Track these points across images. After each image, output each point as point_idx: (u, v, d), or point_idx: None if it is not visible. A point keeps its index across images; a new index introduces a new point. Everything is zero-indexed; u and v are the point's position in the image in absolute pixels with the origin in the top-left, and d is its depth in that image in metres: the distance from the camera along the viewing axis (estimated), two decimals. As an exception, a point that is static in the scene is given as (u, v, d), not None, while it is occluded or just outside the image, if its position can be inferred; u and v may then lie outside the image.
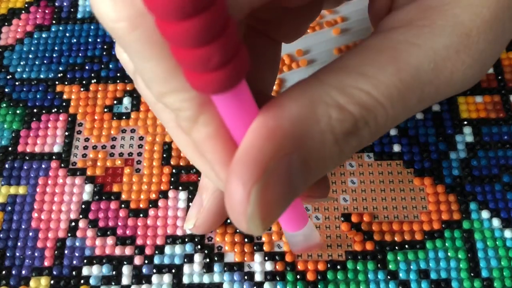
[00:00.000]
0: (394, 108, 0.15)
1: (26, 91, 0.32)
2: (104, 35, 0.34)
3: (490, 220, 0.27)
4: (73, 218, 0.28)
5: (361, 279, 0.26)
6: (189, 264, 0.27)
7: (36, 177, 0.29)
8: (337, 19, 0.32)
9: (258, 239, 0.27)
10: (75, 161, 0.29)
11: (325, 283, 0.26)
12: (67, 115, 0.31)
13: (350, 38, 0.31)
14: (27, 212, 0.28)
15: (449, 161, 0.29)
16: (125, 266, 0.27)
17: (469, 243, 0.27)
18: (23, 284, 0.26)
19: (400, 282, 0.26)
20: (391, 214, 0.28)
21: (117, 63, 0.33)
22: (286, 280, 0.26)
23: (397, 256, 0.27)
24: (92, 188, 0.29)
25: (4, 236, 0.27)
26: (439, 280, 0.26)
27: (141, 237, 0.27)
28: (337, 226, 0.27)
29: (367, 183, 0.29)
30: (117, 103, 0.31)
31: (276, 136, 0.14)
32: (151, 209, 0.28)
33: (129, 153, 0.30)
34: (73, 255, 0.27)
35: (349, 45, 0.31)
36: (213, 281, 0.26)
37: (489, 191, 0.28)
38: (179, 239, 0.27)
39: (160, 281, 0.26)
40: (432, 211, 0.28)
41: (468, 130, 0.30)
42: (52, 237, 0.27)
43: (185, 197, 0.28)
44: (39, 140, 0.30)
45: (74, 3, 0.35)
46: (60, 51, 0.33)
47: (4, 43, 0.34)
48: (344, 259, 0.27)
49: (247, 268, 0.26)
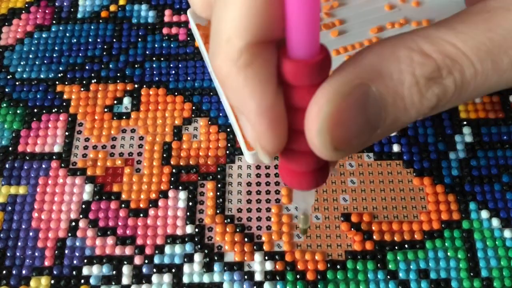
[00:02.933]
0: (483, 65, 0.16)
1: (26, 91, 0.32)
2: (104, 35, 0.34)
3: (490, 220, 0.27)
4: (73, 218, 0.28)
5: (360, 278, 0.26)
6: (189, 263, 0.27)
7: (36, 177, 0.29)
8: (335, 22, 0.32)
9: (258, 239, 0.27)
10: (75, 161, 0.29)
11: (325, 282, 0.26)
12: (67, 115, 0.31)
13: (348, 40, 0.32)
14: (28, 212, 0.28)
15: (448, 161, 0.29)
16: (125, 266, 0.27)
17: (468, 243, 0.27)
18: (24, 283, 0.26)
19: (400, 282, 0.26)
20: (391, 214, 0.28)
21: (117, 63, 0.33)
22: (286, 279, 0.26)
23: (397, 256, 0.27)
24: (92, 188, 0.29)
25: (4, 236, 0.27)
26: (439, 280, 0.26)
27: (141, 237, 0.27)
28: (337, 226, 0.28)
29: (367, 183, 0.29)
30: (117, 103, 0.31)
31: (353, 66, 0.15)
32: (151, 209, 0.28)
33: (129, 153, 0.30)
34: (73, 255, 0.27)
35: (346, 47, 0.31)
36: (213, 281, 0.26)
37: (489, 191, 0.28)
38: (179, 238, 0.27)
39: (160, 280, 0.26)
40: (432, 211, 0.28)
41: (468, 130, 0.30)
42: (52, 237, 0.27)
43: (185, 196, 0.28)
44: (39, 140, 0.30)
45: (74, 3, 0.35)
46: (60, 51, 0.33)
47: (4, 43, 0.34)
48: (344, 259, 0.27)
49: (247, 268, 0.27)
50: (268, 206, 0.28)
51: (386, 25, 0.33)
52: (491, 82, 0.16)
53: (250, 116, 0.16)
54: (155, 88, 0.32)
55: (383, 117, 0.16)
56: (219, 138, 0.30)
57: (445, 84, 0.16)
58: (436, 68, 0.15)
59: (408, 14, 0.33)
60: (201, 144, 0.30)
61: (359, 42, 0.32)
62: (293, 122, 0.16)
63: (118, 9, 0.35)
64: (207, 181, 0.29)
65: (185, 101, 0.31)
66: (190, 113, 0.31)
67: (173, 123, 0.31)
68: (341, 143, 0.16)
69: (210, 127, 0.30)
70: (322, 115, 0.15)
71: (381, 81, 0.15)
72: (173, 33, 0.34)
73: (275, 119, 0.16)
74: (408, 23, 0.32)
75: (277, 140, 0.16)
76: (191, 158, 0.29)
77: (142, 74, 0.32)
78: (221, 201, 0.28)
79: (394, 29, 0.32)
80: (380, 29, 0.32)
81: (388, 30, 0.32)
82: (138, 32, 0.34)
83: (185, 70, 0.32)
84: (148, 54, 0.33)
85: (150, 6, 0.35)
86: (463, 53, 0.16)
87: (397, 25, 0.32)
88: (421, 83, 0.15)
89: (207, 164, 0.29)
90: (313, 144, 0.16)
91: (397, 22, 0.32)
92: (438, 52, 0.15)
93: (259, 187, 0.29)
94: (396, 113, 0.16)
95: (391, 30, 0.32)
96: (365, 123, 0.16)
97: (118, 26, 0.34)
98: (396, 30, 0.32)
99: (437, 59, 0.15)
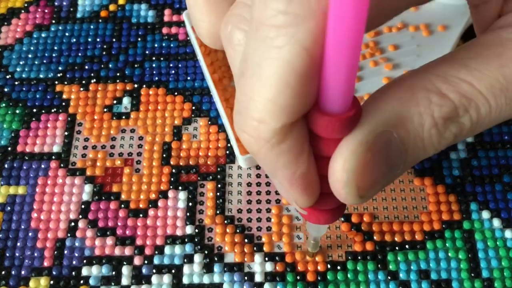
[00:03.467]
0: (497, 101, 0.16)
1: (26, 91, 0.32)
2: (104, 34, 0.34)
3: (491, 220, 0.27)
4: (72, 218, 0.28)
5: (361, 279, 0.26)
6: (189, 264, 0.27)
7: (35, 177, 0.29)
8: None
9: (258, 240, 0.27)
10: (75, 161, 0.29)
11: (325, 283, 0.26)
12: (67, 115, 0.31)
13: None
14: (27, 212, 0.28)
15: (449, 161, 0.29)
16: (125, 266, 0.27)
17: (469, 243, 0.27)
18: (23, 284, 0.26)
19: (401, 283, 0.26)
20: (392, 215, 0.28)
21: (117, 63, 0.32)
22: (286, 280, 0.26)
23: (398, 257, 0.26)
24: (91, 188, 0.29)
25: (3, 236, 0.27)
26: (440, 281, 0.26)
27: (140, 237, 0.27)
28: (337, 227, 0.27)
29: (367, 183, 0.28)
30: (117, 103, 0.31)
31: (375, 114, 0.15)
32: (151, 209, 0.28)
33: (128, 153, 0.30)
34: (73, 255, 0.27)
35: None
36: (213, 282, 0.26)
37: (490, 191, 0.28)
38: (179, 239, 0.27)
39: (160, 281, 0.26)
40: (433, 211, 0.28)
41: (469, 130, 0.30)
42: (51, 237, 0.27)
43: (185, 197, 0.28)
44: (38, 140, 0.30)
45: (74, 2, 0.35)
46: (60, 50, 0.33)
47: (4, 42, 0.33)
48: (344, 260, 0.27)
49: (247, 269, 0.26)
50: (268, 207, 0.28)
51: (384, 29, 0.32)
52: (505, 115, 0.17)
53: (284, 184, 0.17)
54: (154, 88, 0.32)
55: (403, 160, 0.16)
56: (219, 138, 0.30)
57: (462, 122, 0.16)
58: (453, 108, 0.16)
59: (405, 18, 0.33)
60: (201, 144, 0.30)
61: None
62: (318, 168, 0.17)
63: (117, 8, 0.35)
64: (207, 181, 0.29)
65: (185, 101, 0.31)
66: (190, 113, 0.31)
67: (173, 123, 0.30)
68: (365, 191, 0.16)
69: (210, 127, 0.30)
70: (348, 168, 0.15)
71: (403, 126, 0.16)
72: (172, 32, 0.34)
73: (308, 185, 0.16)
74: (406, 27, 0.32)
75: (310, 199, 0.17)
76: (191, 158, 0.29)
77: (142, 74, 0.32)
78: (221, 202, 0.28)
79: (391, 33, 0.32)
80: (377, 33, 0.32)
81: (385, 34, 0.32)
82: (138, 31, 0.34)
83: (185, 70, 0.32)
84: (147, 53, 0.33)
85: (149, 6, 0.35)
86: (479, 92, 0.16)
87: (394, 29, 0.32)
88: (440, 124, 0.16)
89: (207, 164, 0.29)
90: (339, 194, 0.16)
91: (395, 26, 0.32)
92: (454, 92, 0.16)
93: (259, 188, 0.28)
94: (416, 154, 0.16)
95: (388, 34, 0.32)
96: (388, 169, 0.16)
97: (117, 26, 0.34)
98: (393, 34, 0.32)
99: (454, 99, 0.16)
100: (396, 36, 0.32)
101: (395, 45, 0.32)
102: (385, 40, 0.32)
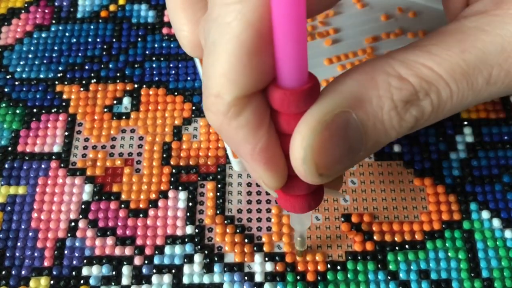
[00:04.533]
0: (458, 86, 0.16)
1: (26, 91, 0.32)
2: (104, 35, 0.34)
3: (491, 220, 0.27)
4: (72, 218, 0.28)
5: (361, 279, 0.26)
6: (189, 264, 0.27)
7: (35, 177, 0.29)
8: (329, 31, 0.32)
9: (258, 240, 0.27)
10: (75, 161, 0.29)
11: (325, 283, 0.26)
12: (67, 115, 0.31)
13: (342, 49, 0.31)
14: (27, 212, 0.28)
15: (449, 162, 0.29)
16: (125, 266, 0.27)
17: (469, 243, 0.27)
18: (23, 284, 0.26)
19: (401, 283, 0.26)
20: (391, 215, 0.28)
21: (117, 63, 0.32)
22: (286, 280, 0.26)
23: (398, 257, 0.27)
24: (92, 188, 0.29)
25: (3, 236, 0.27)
26: (440, 281, 0.26)
27: (141, 237, 0.27)
28: (337, 227, 0.27)
29: (367, 183, 0.29)
30: (117, 103, 0.31)
31: (333, 95, 0.16)
32: (151, 209, 0.28)
33: (129, 153, 0.30)
34: (73, 255, 0.27)
35: (339, 56, 0.31)
36: (213, 282, 0.26)
37: (490, 191, 0.28)
38: (179, 239, 0.27)
39: (160, 281, 0.26)
40: (433, 211, 0.28)
41: (468, 130, 0.30)
42: (51, 237, 0.27)
43: (185, 197, 0.28)
44: (38, 140, 0.30)
45: (74, 2, 0.35)
46: (60, 51, 0.33)
47: (4, 43, 0.34)
48: (344, 260, 0.27)
49: (247, 269, 0.26)
50: (268, 207, 0.28)
51: (382, 35, 0.32)
52: (467, 100, 0.17)
53: (247, 159, 0.17)
54: (155, 88, 0.32)
55: (364, 142, 0.16)
56: (219, 138, 0.30)
57: (422, 105, 0.16)
58: (413, 92, 0.16)
59: (404, 24, 0.33)
60: (201, 144, 0.30)
61: (353, 52, 0.31)
62: (282, 147, 0.17)
63: (117, 8, 0.35)
64: (207, 182, 0.29)
65: (185, 101, 0.31)
66: (190, 113, 0.31)
67: (173, 123, 0.30)
68: (325, 169, 0.16)
69: (210, 127, 0.30)
70: (305, 144, 0.16)
71: (361, 108, 0.16)
72: (173, 33, 0.34)
73: (270, 159, 0.17)
74: (404, 34, 0.32)
75: (277, 177, 0.17)
76: (191, 158, 0.29)
77: (142, 74, 0.32)
78: (221, 202, 0.28)
79: (390, 39, 0.32)
80: (375, 39, 0.32)
81: (383, 41, 0.32)
82: (138, 32, 0.34)
83: (185, 70, 0.32)
84: (148, 54, 0.33)
85: (149, 6, 0.35)
86: (439, 76, 0.16)
87: (392, 36, 0.32)
88: (400, 106, 0.16)
89: (207, 165, 0.29)
90: (299, 171, 0.16)
91: (393, 33, 0.32)
92: (414, 76, 0.16)
93: (259, 188, 0.28)
94: (377, 136, 0.16)
95: (386, 41, 0.32)
96: (347, 149, 0.16)
97: (117, 26, 0.34)
98: (391, 41, 0.32)
99: (413, 82, 0.16)
100: (394, 42, 0.32)
101: None
102: (383, 46, 0.32)
